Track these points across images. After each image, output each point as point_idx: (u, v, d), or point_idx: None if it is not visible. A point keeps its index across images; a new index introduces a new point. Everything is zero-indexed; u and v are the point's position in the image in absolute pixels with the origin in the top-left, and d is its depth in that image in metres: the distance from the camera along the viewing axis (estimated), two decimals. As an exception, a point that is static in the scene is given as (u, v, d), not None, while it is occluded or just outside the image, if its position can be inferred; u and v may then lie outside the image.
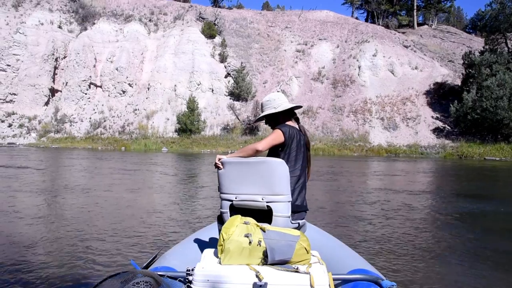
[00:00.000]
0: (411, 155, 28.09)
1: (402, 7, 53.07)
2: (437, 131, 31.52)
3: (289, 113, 2.32)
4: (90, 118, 33.20)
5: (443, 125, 31.82)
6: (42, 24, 36.34)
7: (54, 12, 38.48)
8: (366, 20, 51.92)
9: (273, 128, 2.26)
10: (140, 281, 1.39)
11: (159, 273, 1.68)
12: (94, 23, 39.05)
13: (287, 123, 2.22)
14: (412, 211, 7.13)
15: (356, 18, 50.11)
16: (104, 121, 33.15)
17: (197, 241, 2.37)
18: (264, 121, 2.41)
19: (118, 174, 12.77)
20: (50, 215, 6.40)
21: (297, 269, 1.63)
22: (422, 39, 44.11)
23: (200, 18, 41.24)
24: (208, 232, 2.50)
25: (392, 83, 36.08)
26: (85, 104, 34.15)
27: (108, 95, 34.89)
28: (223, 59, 37.22)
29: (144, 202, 7.74)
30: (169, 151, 27.70)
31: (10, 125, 31.97)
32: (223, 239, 1.71)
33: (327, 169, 16.04)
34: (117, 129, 32.45)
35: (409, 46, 40.67)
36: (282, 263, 1.68)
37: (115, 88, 34.81)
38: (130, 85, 35.07)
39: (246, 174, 1.99)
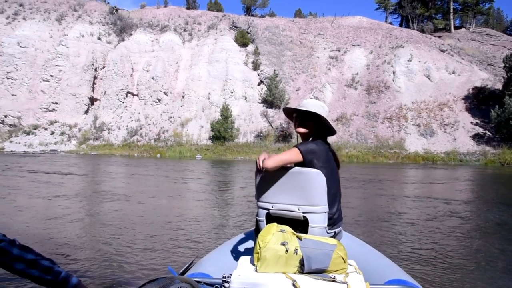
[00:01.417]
0: (450, 163, 27.20)
1: (438, 10, 51.74)
2: (477, 137, 30.38)
3: (323, 132, 2.20)
4: (127, 125, 34.15)
5: (484, 131, 30.64)
6: (83, 36, 37.89)
7: (94, 25, 40.08)
8: (401, 25, 50.95)
9: (301, 128, 2.18)
10: (178, 287, 1.39)
11: (196, 279, 1.68)
12: (131, 34, 40.36)
13: (317, 142, 2.07)
14: (451, 220, 6.90)
15: (390, 23, 49.32)
16: (140, 128, 34.01)
17: (232, 248, 2.36)
18: (294, 115, 2.26)
19: (154, 180, 13.05)
20: (89, 220, 6.61)
21: (334, 278, 1.61)
22: (459, 43, 42.83)
23: (233, 27, 41.75)
24: (244, 239, 2.48)
25: (429, 88, 35.15)
26: (122, 112, 35.20)
27: (144, 104, 35.82)
28: (256, 66, 37.45)
29: (179, 208, 7.83)
30: (203, 158, 28.06)
31: (52, 133, 33.38)
32: (260, 247, 1.69)
33: (362, 176, 15.77)
34: (152, 136, 33.21)
35: (446, 50, 39.57)
36: (318, 272, 1.66)
37: (151, 96, 35.71)
38: (165, 93, 35.89)
39: (283, 183, 1.98)
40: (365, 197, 9.80)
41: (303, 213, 1.93)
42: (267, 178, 2.00)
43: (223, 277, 1.71)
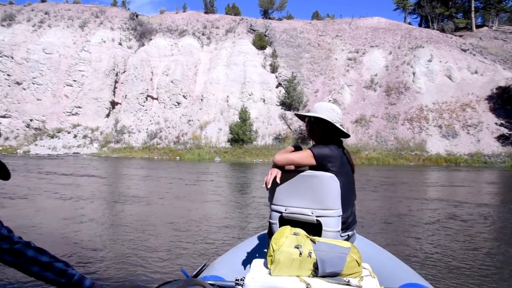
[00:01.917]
0: (473, 165, 26.63)
1: (459, 9, 50.73)
2: (502, 138, 29.62)
3: (335, 135, 2.15)
4: (147, 129, 34.71)
5: (509, 132, 29.86)
6: (104, 41, 38.78)
7: (115, 30, 40.96)
8: (420, 25, 50.21)
9: (312, 135, 2.18)
10: None
11: (209, 282, 1.70)
12: (151, 39, 41.06)
13: (331, 147, 2.05)
14: (473, 224, 6.74)
15: (409, 23, 48.67)
16: (160, 131, 34.51)
17: (245, 250, 2.35)
18: (305, 120, 2.24)
19: (173, 183, 13.19)
20: (106, 222, 6.75)
21: (348, 282, 1.59)
22: (481, 42, 41.92)
23: (251, 30, 41.99)
24: (256, 242, 2.47)
25: (450, 89, 34.51)
26: (142, 116, 35.80)
27: (164, 107, 36.35)
28: (274, 69, 37.54)
29: (196, 211, 7.88)
30: (222, 161, 28.26)
31: (75, 136, 34.22)
32: (273, 250, 1.67)
33: (381, 179, 15.59)
34: (172, 139, 33.64)
35: (468, 49, 38.79)
36: (332, 275, 1.63)
37: (170, 100, 36.22)
38: (184, 96, 36.34)
39: (296, 186, 1.97)
40: (385, 200, 9.67)
41: (317, 216, 1.93)
42: (281, 181, 1.99)
43: (236, 280, 1.72)
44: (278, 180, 1.95)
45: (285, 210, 2.01)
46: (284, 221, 2.02)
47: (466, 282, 3.71)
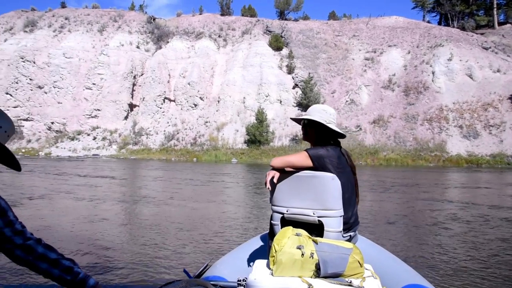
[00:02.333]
0: (496, 166, 25.95)
1: (480, 6, 49.53)
2: (526, 138, 28.83)
3: (331, 135, 2.16)
4: (165, 130, 35.03)
5: (534, 132, 29.04)
6: (122, 45, 39.37)
7: (133, 34, 41.54)
8: (439, 23, 49.28)
9: (307, 137, 2.20)
10: None
11: (211, 282, 1.69)
12: (168, 42, 41.51)
13: (327, 147, 2.07)
14: (494, 228, 6.49)
15: (428, 22, 47.79)
16: (177, 133, 34.78)
17: (247, 251, 2.36)
18: (301, 123, 2.26)
19: (187, 184, 13.23)
20: (116, 220, 6.81)
21: (350, 282, 1.59)
22: (504, 39, 40.84)
23: (267, 31, 41.97)
24: (258, 242, 2.48)
25: (471, 88, 33.73)
26: (160, 118, 36.16)
27: (181, 109, 36.64)
28: (290, 70, 37.43)
29: (208, 211, 7.86)
30: (239, 162, 28.27)
31: (94, 138, 34.79)
32: (275, 250, 1.68)
33: (399, 180, 15.33)
34: (189, 141, 33.85)
35: (489, 47, 37.86)
36: (334, 276, 1.63)
37: (187, 101, 36.48)
38: (201, 98, 36.55)
39: (297, 187, 1.98)
40: (401, 202, 9.47)
41: (318, 217, 1.93)
42: (282, 183, 2.01)
43: (238, 280, 1.73)
44: (275, 181, 1.96)
45: (287, 211, 2.01)
46: (286, 222, 2.01)
47: (469, 284, 3.62)
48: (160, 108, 36.44)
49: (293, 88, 36.54)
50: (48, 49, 39.40)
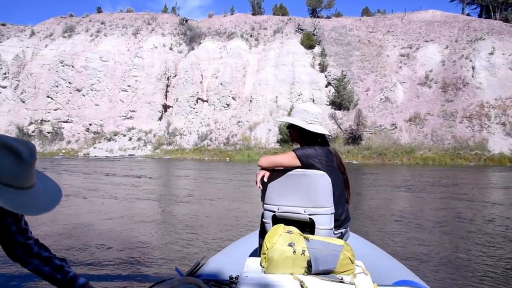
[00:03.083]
0: (543, 164, 24.59)
1: (524, -3, 47.07)
2: None
3: (318, 135, 2.13)
4: (198, 130, 35.38)
5: None
6: (156, 47, 40.12)
7: (166, 36, 42.27)
8: (480, 16, 47.18)
9: (292, 138, 2.20)
10: None
11: (203, 280, 1.68)
12: (200, 43, 41.95)
13: (314, 146, 2.06)
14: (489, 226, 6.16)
15: (468, 15, 45.87)
16: (210, 133, 35.05)
17: (239, 249, 2.38)
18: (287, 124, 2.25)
19: (221, 183, 13.24)
20: (149, 219, 6.87)
21: (341, 279, 1.59)
22: (551, 32, 38.67)
23: (299, 30, 41.63)
24: (250, 240, 2.48)
25: (515, 83, 32.14)
26: (193, 118, 36.58)
27: (214, 109, 36.91)
28: (323, 68, 36.96)
29: (232, 209, 7.78)
30: (272, 161, 28.08)
31: (130, 139, 35.62)
32: (267, 248, 1.68)
33: (436, 180, 14.74)
34: (222, 140, 34.03)
35: (535, 40, 35.94)
36: (326, 273, 1.64)
37: (220, 102, 36.71)
38: (233, 98, 36.69)
39: (288, 186, 1.98)
40: (439, 202, 9.07)
41: (309, 215, 1.93)
42: (273, 181, 2.01)
43: (230, 278, 1.76)
44: (265, 179, 1.97)
45: (278, 209, 2.02)
46: (277, 220, 2.02)
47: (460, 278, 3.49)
48: (193, 108, 36.86)
49: (326, 86, 36.06)
50: (86, 53, 40.71)
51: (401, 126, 32.20)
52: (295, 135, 2.16)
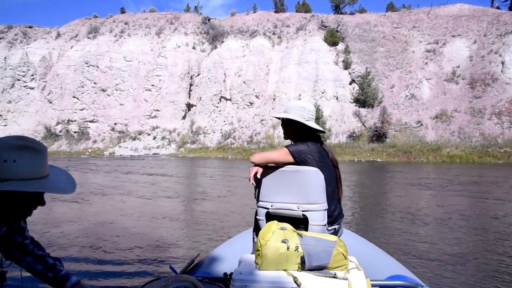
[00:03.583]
0: None
1: (557, -11, 45.36)
2: None
3: (311, 132, 2.16)
4: (221, 129, 35.48)
5: None
6: (179, 46, 40.40)
7: (189, 35, 42.51)
8: (510, 9, 45.74)
9: (286, 135, 2.21)
10: (180, 286, 1.43)
11: (197, 278, 1.66)
12: (223, 41, 42.03)
13: (307, 143, 2.07)
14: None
15: (497, 8, 44.47)
16: (234, 131, 35.09)
17: (233, 247, 2.40)
18: (281, 121, 2.27)
19: (241, 182, 13.18)
20: (171, 217, 6.75)
21: (335, 275, 1.61)
22: None
23: (322, 27, 41.23)
24: (244, 238, 2.50)
25: (548, 78, 31.05)
26: (216, 117, 36.69)
27: (237, 107, 36.93)
28: (347, 65, 36.52)
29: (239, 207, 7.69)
30: (296, 160, 27.91)
31: (154, 138, 36.02)
32: (261, 245, 1.68)
33: (463, 178, 14.34)
34: (245, 139, 34.03)
35: None
36: (319, 268, 1.66)
37: (243, 100, 36.70)
38: (257, 96, 36.63)
39: (281, 182, 1.99)
40: (466, 200, 8.78)
41: (302, 211, 1.94)
42: (266, 178, 2.02)
43: (225, 275, 1.78)
44: (258, 176, 1.99)
45: (271, 206, 2.02)
46: (271, 217, 2.02)
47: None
48: (217, 107, 36.97)
49: (350, 83, 35.63)
50: (110, 53, 41.33)
51: (427, 124, 31.55)
52: (291, 132, 2.17)
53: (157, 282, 1.49)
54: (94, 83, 39.80)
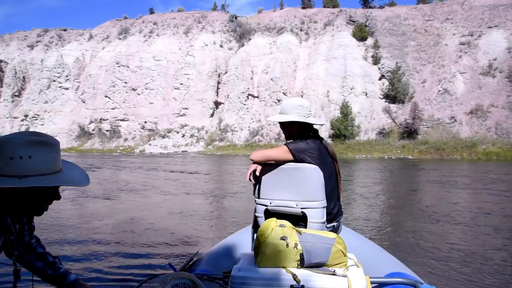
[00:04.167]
0: None
1: None
2: None
3: (310, 128, 2.14)
4: (249, 126, 35.55)
5: None
6: (206, 45, 40.76)
7: (216, 34, 42.80)
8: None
9: (288, 136, 2.16)
10: (179, 283, 1.42)
11: (196, 275, 1.68)
12: (250, 39, 42.06)
13: (307, 140, 2.04)
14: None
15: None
16: (261, 129, 35.08)
17: (232, 244, 2.39)
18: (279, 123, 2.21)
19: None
20: (200, 214, 6.71)
21: (334, 272, 1.60)
22: None
23: (351, 22, 40.57)
24: (243, 235, 2.48)
25: None
26: (244, 114, 36.79)
27: (265, 105, 36.89)
28: (376, 61, 35.79)
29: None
30: (324, 157, 27.60)
31: (183, 136, 36.53)
32: (260, 242, 1.69)
33: (500, 176, 13.68)
34: (273, 136, 33.96)
35: None
36: (318, 266, 1.66)
37: (270, 97, 36.62)
38: (284, 93, 36.46)
39: (280, 180, 1.99)
40: (497, 200, 8.35)
41: (301, 208, 1.94)
42: (265, 175, 2.02)
43: (224, 273, 1.77)
44: (257, 173, 1.99)
45: (270, 203, 2.02)
46: (270, 214, 2.02)
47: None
48: (244, 104, 37.06)
49: (380, 79, 34.92)
50: (140, 53, 42.20)
51: (461, 119, 30.52)
52: (293, 132, 2.12)
53: (156, 279, 1.50)
54: (125, 82, 40.76)
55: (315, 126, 2.14)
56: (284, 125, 2.16)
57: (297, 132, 2.11)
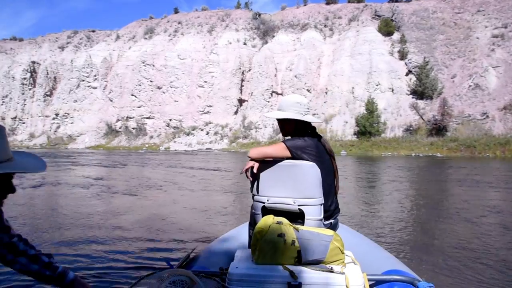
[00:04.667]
0: None
1: None
2: None
3: (307, 125, 2.11)
4: (273, 124, 35.41)
5: None
6: (230, 43, 40.87)
7: (239, 31, 42.88)
8: None
9: (284, 132, 2.12)
10: (176, 280, 1.42)
11: (193, 272, 1.66)
12: (273, 36, 41.93)
13: (305, 138, 2.02)
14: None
15: None
16: (285, 126, 34.87)
17: (229, 241, 2.40)
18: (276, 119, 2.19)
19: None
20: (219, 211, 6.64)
21: (331, 269, 1.61)
22: None
23: (376, 16, 39.79)
24: (240, 232, 2.49)
25: None
26: (268, 111, 36.61)
27: (288, 102, 36.65)
28: (403, 56, 34.97)
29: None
30: (348, 154, 27.20)
31: (207, 133, 36.78)
32: (257, 239, 1.70)
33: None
34: (296, 133, 33.68)
35: None
36: (316, 263, 1.66)
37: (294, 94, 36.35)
38: (308, 90, 36.14)
39: (278, 177, 1.97)
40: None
41: (299, 205, 1.92)
42: (263, 172, 2.00)
43: (221, 269, 1.78)
44: (255, 170, 1.97)
45: (268, 200, 2.00)
46: (267, 211, 2.00)
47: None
48: (268, 101, 36.96)
49: (406, 75, 34.11)
50: (165, 52, 42.78)
51: (494, 115, 29.41)
52: (289, 129, 2.09)
53: (154, 276, 1.51)
54: (150, 81, 41.41)
55: (313, 124, 2.12)
56: (281, 122, 2.14)
57: (293, 129, 2.09)
